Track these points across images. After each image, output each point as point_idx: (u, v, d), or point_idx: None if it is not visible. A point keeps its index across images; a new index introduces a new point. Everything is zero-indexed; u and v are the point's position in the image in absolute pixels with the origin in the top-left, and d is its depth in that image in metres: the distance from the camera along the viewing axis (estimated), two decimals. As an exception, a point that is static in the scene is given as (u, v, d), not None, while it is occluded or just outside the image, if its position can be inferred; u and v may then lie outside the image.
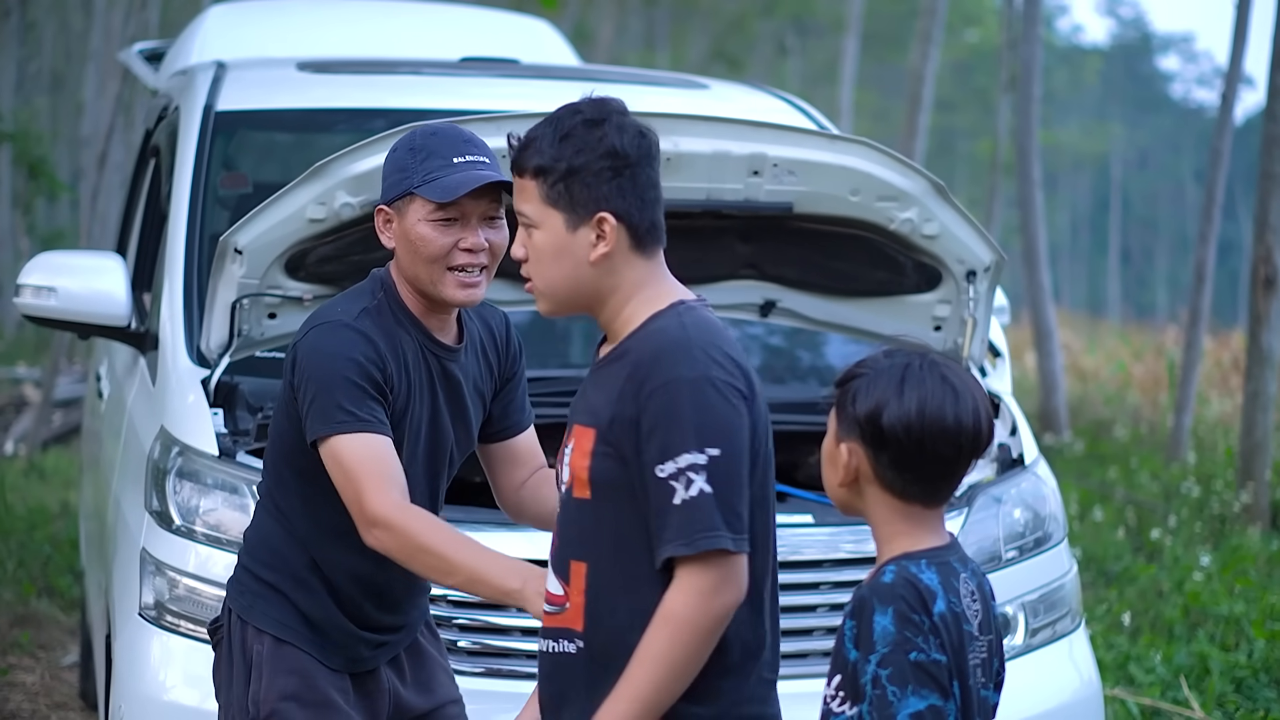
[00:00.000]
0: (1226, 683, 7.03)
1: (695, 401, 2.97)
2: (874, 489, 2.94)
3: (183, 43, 7.30)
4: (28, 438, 14.01)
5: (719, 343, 3.05)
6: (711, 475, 2.95)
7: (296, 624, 3.76)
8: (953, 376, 2.92)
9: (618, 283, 3.13)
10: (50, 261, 5.26)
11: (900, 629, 2.80)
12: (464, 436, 3.84)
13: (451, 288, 3.66)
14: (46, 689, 7.21)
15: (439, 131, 3.72)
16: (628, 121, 3.12)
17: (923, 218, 4.98)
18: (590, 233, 3.10)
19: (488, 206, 3.67)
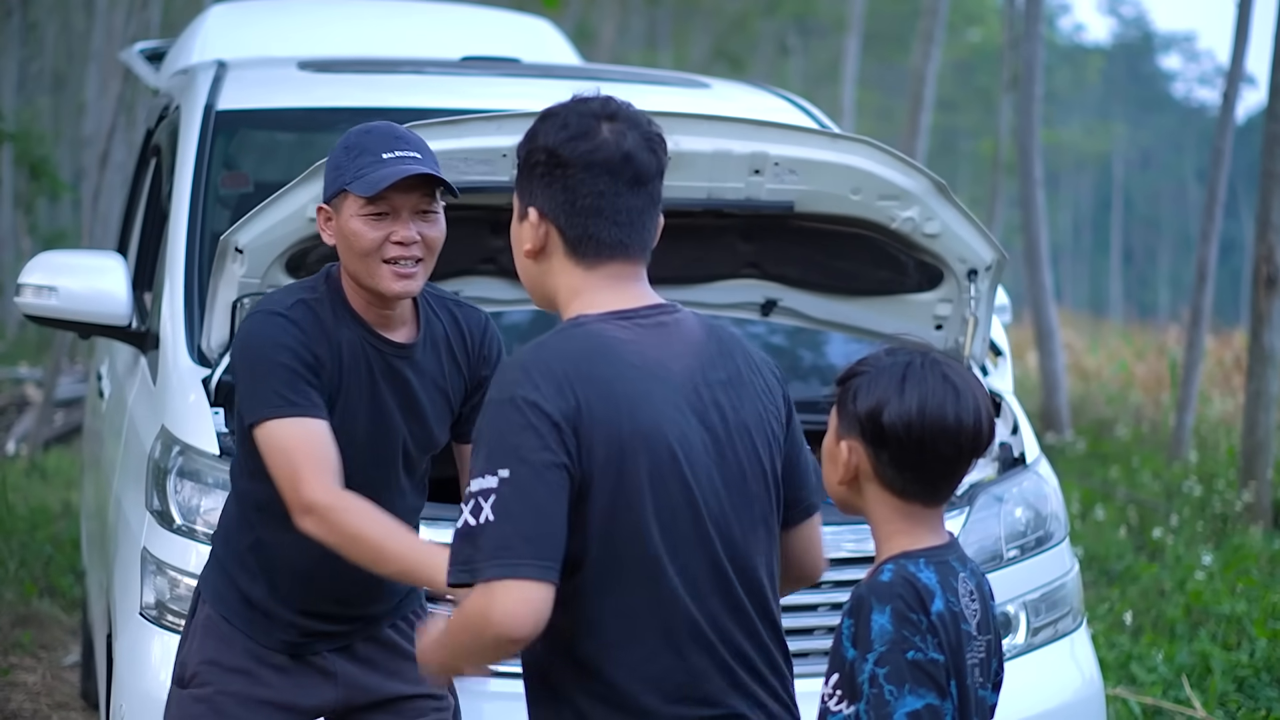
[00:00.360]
0: (1228, 682, 7.03)
1: (494, 423, 2.83)
2: (873, 487, 2.92)
3: (184, 42, 7.30)
4: (29, 438, 14.02)
5: (557, 363, 2.84)
6: (497, 501, 2.76)
7: (234, 600, 3.87)
8: (954, 375, 2.89)
9: (556, 286, 3.00)
10: (51, 261, 5.25)
11: (898, 628, 2.79)
12: (420, 432, 3.84)
13: (387, 280, 3.71)
14: (48, 689, 7.21)
15: (372, 130, 3.79)
16: (594, 124, 2.95)
17: (924, 216, 4.98)
18: (528, 228, 3.00)
19: (419, 200, 3.74)
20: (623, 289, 2.98)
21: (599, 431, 2.83)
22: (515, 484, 2.78)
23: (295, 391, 3.65)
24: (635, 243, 2.98)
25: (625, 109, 3.00)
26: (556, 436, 2.80)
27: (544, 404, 2.80)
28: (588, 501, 2.84)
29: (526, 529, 2.76)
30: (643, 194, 2.98)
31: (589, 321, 2.92)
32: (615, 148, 2.94)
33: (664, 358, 2.93)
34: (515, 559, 2.75)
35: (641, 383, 2.89)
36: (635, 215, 2.97)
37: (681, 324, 3.00)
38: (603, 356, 2.88)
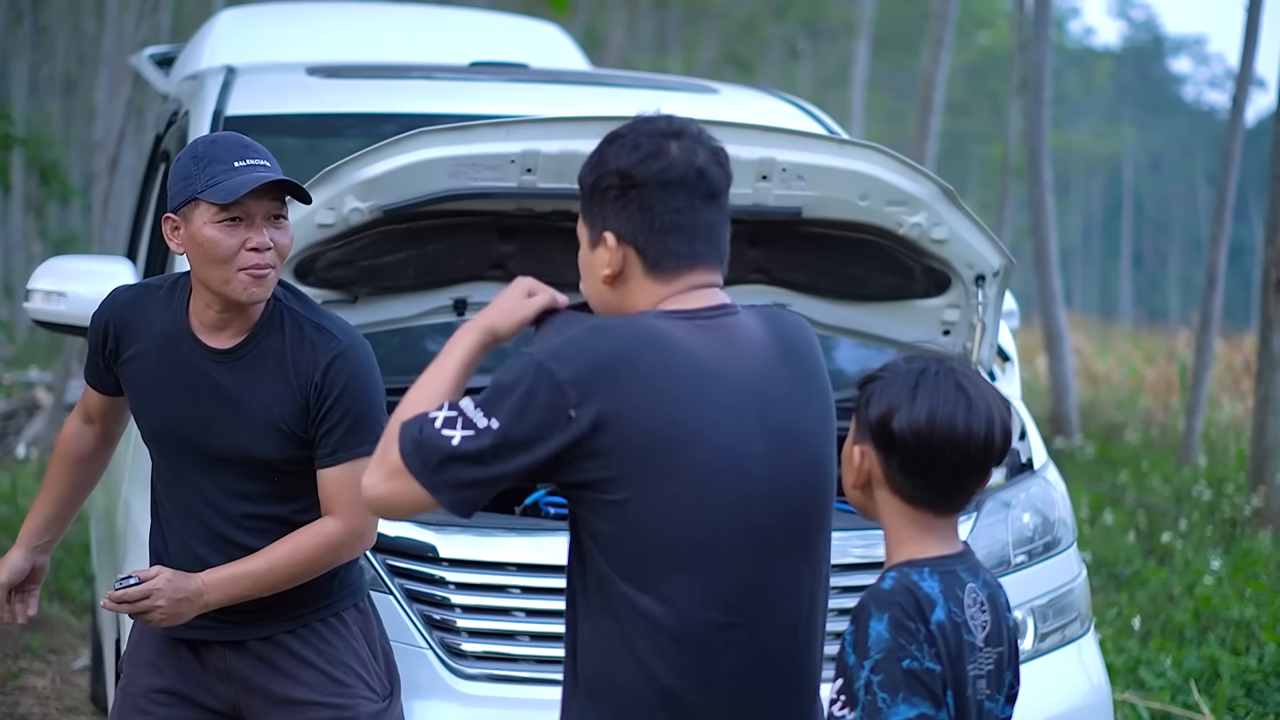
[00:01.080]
0: (1237, 687, 7.03)
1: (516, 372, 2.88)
2: (884, 493, 2.93)
3: (193, 47, 7.31)
4: (40, 441, 14.04)
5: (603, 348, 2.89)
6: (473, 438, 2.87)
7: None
8: (969, 385, 2.89)
9: (635, 305, 3.02)
10: (60, 267, 5.27)
11: (895, 635, 2.78)
12: (232, 437, 3.87)
13: (242, 285, 3.78)
14: (57, 693, 7.23)
15: (219, 140, 3.86)
16: (663, 143, 2.98)
17: (931, 222, 4.98)
18: (603, 252, 3.01)
19: (270, 206, 3.80)
20: (694, 294, 3.00)
21: (636, 421, 2.86)
22: (494, 439, 2.86)
23: (89, 363, 4.03)
24: (714, 254, 3.02)
25: (689, 126, 3.02)
26: (563, 428, 2.86)
27: (571, 393, 2.84)
28: (612, 488, 2.88)
29: (466, 482, 2.89)
30: (715, 208, 3.01)
31: (647, 316, 2.95)
32: (688, 164, 2.97)
33: (724, 360, 2.95)
34: (459, 490, 2.89)
35: (691, 381, 2.91)
36: (712, 230, 3.01)
37: (743, 325, 3.01)
38: (652, 349, 2.90)
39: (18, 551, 4.12)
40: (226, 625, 3.93)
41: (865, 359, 5.73)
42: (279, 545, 3.86)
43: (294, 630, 3.97)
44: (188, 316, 3.90)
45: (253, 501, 3.90)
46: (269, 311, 3.90)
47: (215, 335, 3.88)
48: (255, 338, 3.88)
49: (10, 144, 10.19)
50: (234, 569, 3.82)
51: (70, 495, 4.18)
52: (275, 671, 3.95)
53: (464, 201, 4.77)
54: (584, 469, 2.90)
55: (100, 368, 4.00)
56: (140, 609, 3.74)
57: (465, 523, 4.59)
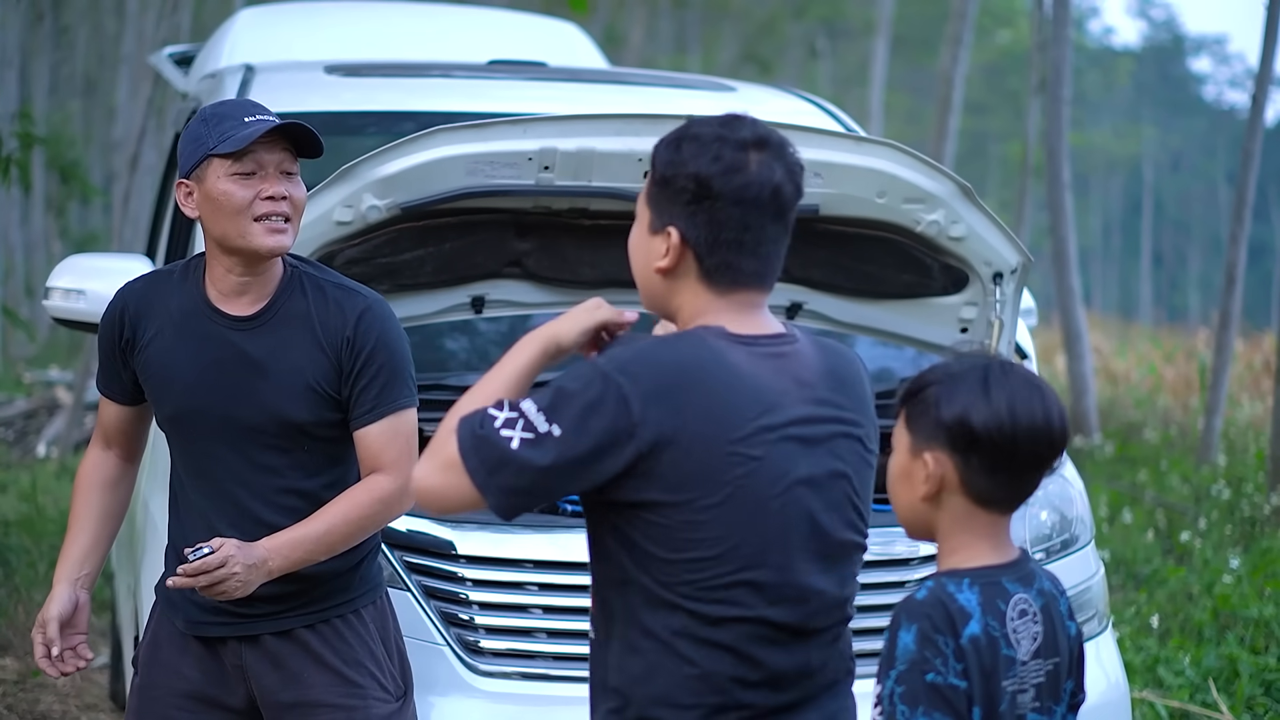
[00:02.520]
0: (1256, 686, 7.01)
1: (582, 380, 2.87)
2: (957, 499, 2.86)
3: (212, 46, 7.33)
4: (60, 440, 14.07)
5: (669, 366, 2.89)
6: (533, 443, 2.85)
7: (160, 589, 4.03)
8: (1033, 376, 2.87)
9: (681, 304, 3.02)
10: (79, 264, 5.27)
11: (920, 648, 2.75)
12: (262, 406, 3.88)
13: (259, 236, 3.81)
14: (77, 690, 7.25)
15: (226, 102, 3.95)
16: (744, 156, 2.95)
17: (949, 220, 4.98)
18: (662, 243, 3.00)
19: (282, 159, 3.85)
20: (747, 316, 3.00)
21: (696, 443, 2.87)
22: (555, 449, 2.84)
23: (102, 368, 4.02)
24: (769, 272, 3.02)
25: (772, 136, 3.00)
26: (625, 442, 2.85)
27: (636, 407, 2.85)
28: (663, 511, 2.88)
29: (527, 486, 2.87)
30: (781, 225, 3.00)
31: (710, 335, 2.95)
32: (766, 182, 2.95)
33: (777, 388, 2.95)
34: (510, 495, 2.87)
35: (749, 408, 2.91)
36: (773, 246, 3.00)
37: (800, 355, 3.02)
38: (715, 370, 2.90)
39: (60, 586, 4.02)
40: (246, 620, 3.93)
41: (883, 357, 5.72)
42: (334, 505, 3.86)
43: (312, 625, 3.97)
44: (205, 290, 3.91)
45: (281, 475, 3.90)
46: (288, 276, 3.93)
47: (235, 303, 3.90)
48: (278, 302, 3.90)
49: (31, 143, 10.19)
50: (293, 533, 3.81)
51: (101, 523, 4.09)
52: (287, 671, 3.95)
53: (481, 199, 4.78)
54: (638, 488, 2.90)
55: (116, 366, 3.99)
56: (217, 578, 3.69)
57: (483, 520, 4.60)
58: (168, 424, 3.97)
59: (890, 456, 2.90)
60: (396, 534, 4.50)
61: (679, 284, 3.01)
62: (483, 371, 3.09)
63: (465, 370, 5.54)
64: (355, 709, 3.94)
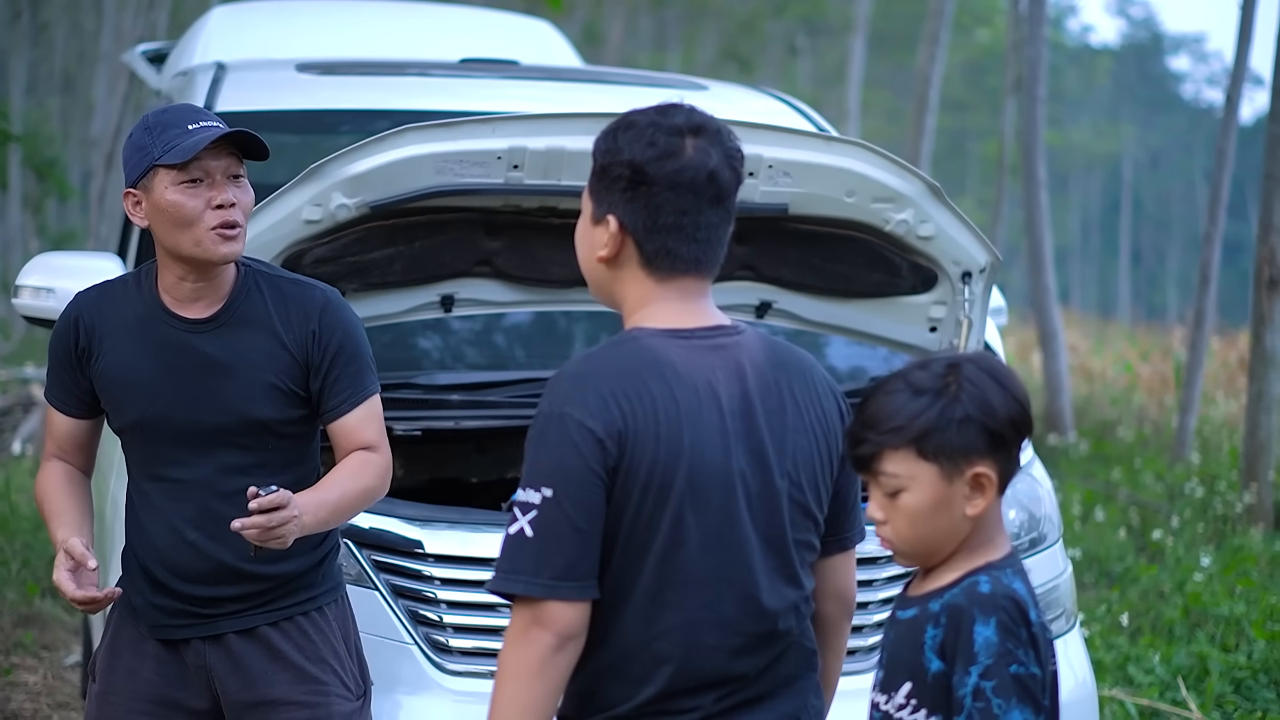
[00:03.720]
0: (1226, 683, 7.03)
1: (541, 435, 2.88)
2: (994, 501, 2.84)
3: (186, 44, 7.32)
4: (35, 438, 14.04)
5: (604, 378, 2.89)
6: (537, 517, 2.85)
7: (124, 582, 4.00)
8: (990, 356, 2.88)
9: (625, 294, 3.03)
10: (49, 263, 5.25)
11: (1003, 640, 2.72)
12: (226, 408, 3.86)
13: (212, 245, 3.79)
14: (49, 689, 7.23)
15: (169, 109, 3.88)
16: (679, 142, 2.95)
17: (918, 219, 4.99)
18: (602, 232, 3.01)
19: (228, 164, 3.82)
20: (688, 306, 3.01)
21: (643, 448, 2.88)
22: (559, 504, 2.85)
23: (54, 380, 3.97)
24: (709, 259, 3.01)
25: (709, 122, 3.00)
26: (600, 455, 2.86)
27: (589, 421, 2.85)
28: (623, 514, 2.89)
29: (566, 550, 2.85)
30: (721, 210, 3.00)
31: (644, 336, 2.95)
32: (701, 167, 2.95)
33: (715, 381, 2.96)
34: (553, 579, 2.84)
35: (687, 404, 2.92)
36: (712, 231, 3.00)
37: (741, 346, 3.02)
38: (652, 373, 2.91)
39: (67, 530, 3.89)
40: (210, 620, 3.93)
41: (853, 356, 5.74)
42: (338, 474, 3.85)
43: (276, 623, 3.96)
44: (159, 296, 3.89)
45: (248, 475, 3.87)
46: (241, 277, 3.91)
47: (191, 307, 3.88)
48: (234, 303, 3.89)
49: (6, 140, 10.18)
50: (316, 495, 3.76)
51: (80, 512, 4.00)
52: (250, 670, 3.93)
53: (451, 198, 4.77)
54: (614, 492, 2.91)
55: (71, 378, 3.94)
56: (280, 519, 3.59)
57: (452, 518, 4.61)
58: (128, 431, 3.95)
59: (901, 498, 2.82)
60: (364, 532, 4.50)
61: (621, 273, 3.01)
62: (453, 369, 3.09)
63: (435, 369, 5.54)
64: (318, 705, 3.93)
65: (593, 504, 2.86)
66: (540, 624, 2.84)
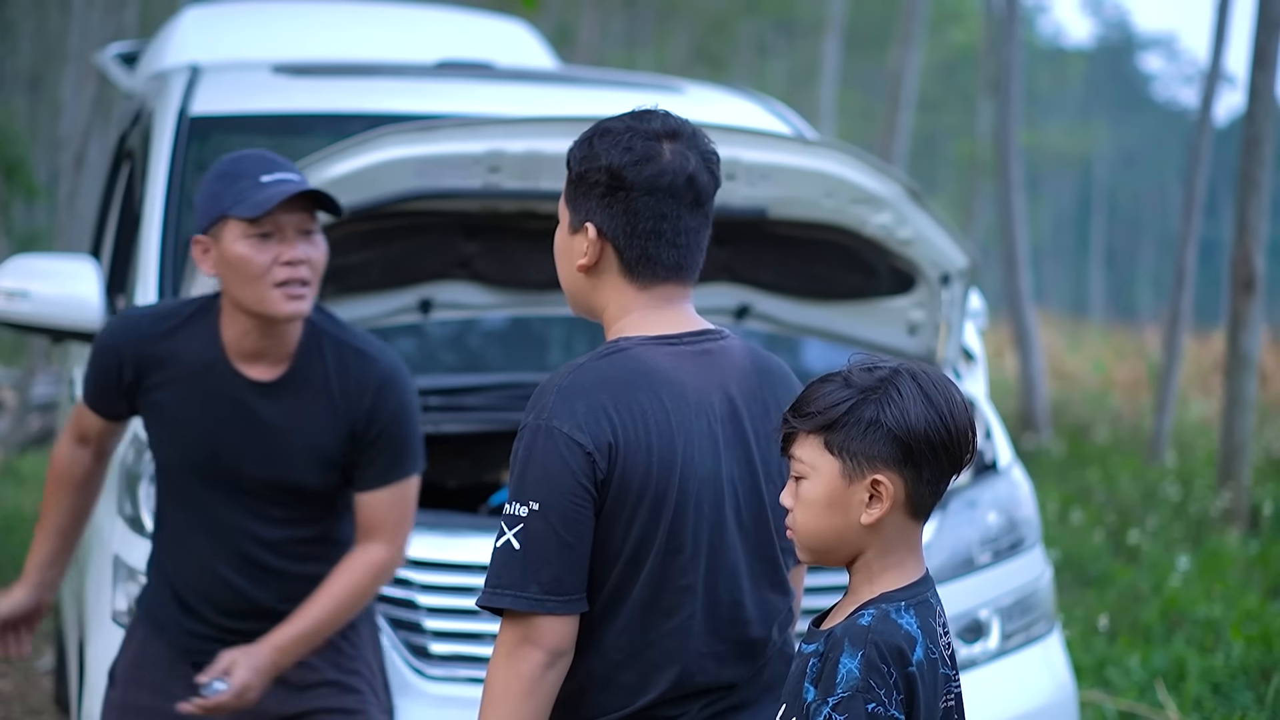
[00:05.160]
0: (1204, 685, 7.03)
1: (528, 449, 2.84)
2: (897, 516, 2.73)
3: (158, 45, 7.27)
4: (4, 441, 13.98)
5: (593, 390, 2.85)
6: (523, 529, 2.81)
7: (148, 594, 4.01)
8: (938, 371, 2.80)
9: (606, 302, 2.99)
10: (23, 265, 5.23)
11: (866, 675, 2.63)
12: (271, 471, 3.85)
13: (278, 303, 3.73)
14: (21, 694, 7.19)
15: (245, 156, 3.81)
16: (656, 146, 2.93)
17: (897, 222, 4.99)
18: (581, 240, 2.97)
19: (301, 220, 3.75)
20: (672, 312, 2.97)
21: (635, 460, 2.84)
22: (545, 518, 2.81)
23: (90, 383, 3.93)
24: (690, 264, 2.99)
25: (684, 127, 2.98)
26: (589, 469, 2.82)
27: (578, 434, 2.82)
28: (615, 526, 2.86)
29: (554, 564, 2.81)
30: (700, 215, 2.98)
31: (631, 345, 2.92)
32: (679, 170, 2.93)
33: (704, 387, 2.93)
34: (541, 593, 2.81)
35: (678, 413, 2.89)
36: (691, 236, 2.97)
37: (727, 352, 2.99)
38: (642, 383, 2.88)
39: (22, 589, 4.03)
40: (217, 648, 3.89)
41: (833, 359, 5.72)
42: (332, 585, 3.82)
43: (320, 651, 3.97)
44: (222, 345, 3.83)
45: (286, 526, 3.88)
46: (307, 336, 3.85)
47: (255, 365, 3.82)
48: (297, 367, 3.83)
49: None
50: (297, 629, 3.77)
51: (70, 524, 4.07)
52: (287, 686, 3.92)
53: (429, 201, 4.75)
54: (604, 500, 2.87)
55: (113, 396, 3.91)
56: (243, 703, 3.68)
57: (432, 523, 4.59)
58: (170, 465, 3.91)
59: (801, 485, 2.76)
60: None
61: (601, 281, 2.98)
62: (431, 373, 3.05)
63: (414, 373, 5.51)
64: (358, 712, 3.96)
65: (580, 518, 2.82)
66: (530, 640, 2.81)
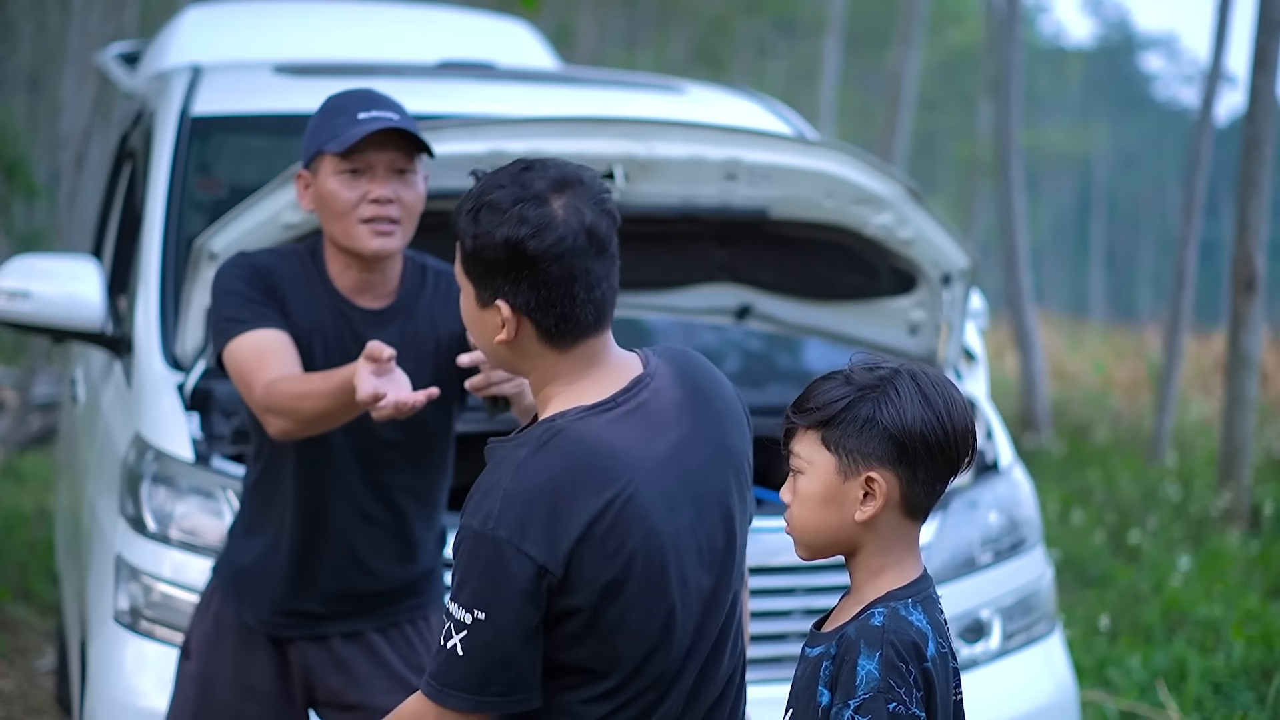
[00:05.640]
0: (1205, 686, 7.03)
1: (474, 555, 2.73)
2: (893, 515, 2.73)
3: (159, 45, 7.28)
4: (5, 440, 13.97)
5: (542, 495, 2.72)
6: (468, 638, 2.72)
7: (228, 570, 3.98)
8: (940, 373, 2.79)
9: (529, 369, 2.87)
10: (25, 266, 5.24)
11: (885, 675, 2.63)
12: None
13: (364, 239, 3.77)
14: (22, 694, 7.19)
15: (350, 93, 3.86)
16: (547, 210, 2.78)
17: (898, 222, 5.00)
18: (494, 316, 2.84)
19: (394, 158, 3.78)
20: (599, 371, 2.85)
21: (596, 555, 2.73)
22: (491, 629, 2.72)
23: (242, 310, 3.75)
24: (607, 314, 2.85)
25: (568, 174, 2.83)
26: (537, 581, 2.71)
27: (530, 549, 2.71)
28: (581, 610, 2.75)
29: (503, 671, 2.74)
30: (606, 259, 2.83)
31: (568, 423, 2.78)
32: (579, 229, 2.78)
33: (646, 448, 2.81)
34: (477, 695, 2.75)
35: (630, 488, 2.76)
36: (605, 283, 2.83)
37: (659, 395, 2.87)
38: (590, 471, 2.74)
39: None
40: (319, 620, 3.93)
41: (833, 359, 5.72)
42: None
43: (383, 629, 3.98)
44: (331, 282, 3.86)
45: (395, 471, 3.90)
46: (410, 268, 3.90)
47: (362, 297, 3.86)
48: (404, 297, 3.88)
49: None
50: None
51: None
52: (353, 674, 3.95)
53: (431, 202, 4.75)
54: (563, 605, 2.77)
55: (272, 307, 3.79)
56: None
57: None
58: None
59: (798, 480, 2.76)
60: None
61: (523, 350, 2.85)
62: None
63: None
64: None
65: (528, 626, 2.73)
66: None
